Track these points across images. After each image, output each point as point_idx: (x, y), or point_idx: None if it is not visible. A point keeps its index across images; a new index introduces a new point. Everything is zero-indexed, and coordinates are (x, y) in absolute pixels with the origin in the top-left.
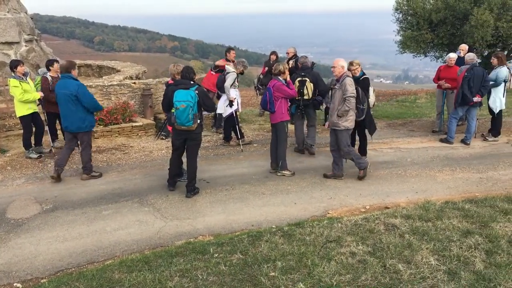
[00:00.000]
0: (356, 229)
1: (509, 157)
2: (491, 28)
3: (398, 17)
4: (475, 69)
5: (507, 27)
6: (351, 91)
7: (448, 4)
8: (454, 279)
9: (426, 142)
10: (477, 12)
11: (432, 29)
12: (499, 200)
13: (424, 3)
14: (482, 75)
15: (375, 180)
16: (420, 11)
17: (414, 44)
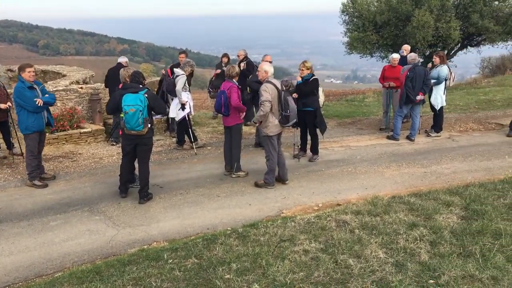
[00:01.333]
0: (309, 227)
1: (451, 151)
2: (431, 29)
3: (345, 19)
4: (416, 68)
5: (446, 28)
6: (265, 97)
7: (391, 6)
8: (401, 270)
9: (374, 140)
10: (418, 14)
11: (377, 31)
12: (441, 193)
13: (368, 5)
14: (423, 74)
15: (327, 178)
16: (365, 13)
17: (360, 45)
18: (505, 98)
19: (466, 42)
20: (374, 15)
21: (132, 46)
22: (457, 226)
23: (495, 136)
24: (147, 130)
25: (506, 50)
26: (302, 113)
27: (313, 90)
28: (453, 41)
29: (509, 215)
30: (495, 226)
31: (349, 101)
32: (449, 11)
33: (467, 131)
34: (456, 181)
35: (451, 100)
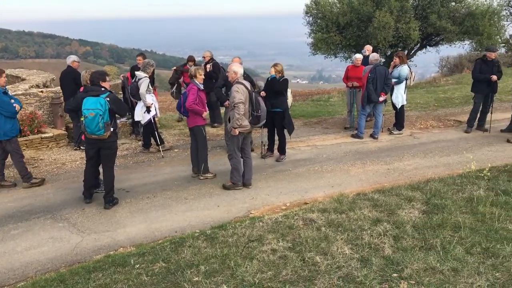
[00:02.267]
0: (276, 226)
1: (413, 148)
2: (392, 29)
3: (309, 20)
4: (377, 68)
5: (406, 28)
6: (238, 98)
7: (353, 8)
8: (366, 265)
9: (339, 139)
10: (379, 15)
11: (340, 32)
12: (404, 188)
13: (331, 6)
14: (384, 74)
15: (294, 177)
16: (328, 14)
17: (324, 46)
18: (462, 96)
19: (425, 42)
20: (337, 16)
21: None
22: (419, 220)
23: (453, 133)
24: (110, 134)
25: (463, 49)
26: (271, 114)
27: (283, 89)
28: (413, 41)
29: (468, 208)
30: (454, 219)
31: (315, 101)
32: (408, 12)
33: (428, 128)
34: (418, 177)
35: (412, 99)
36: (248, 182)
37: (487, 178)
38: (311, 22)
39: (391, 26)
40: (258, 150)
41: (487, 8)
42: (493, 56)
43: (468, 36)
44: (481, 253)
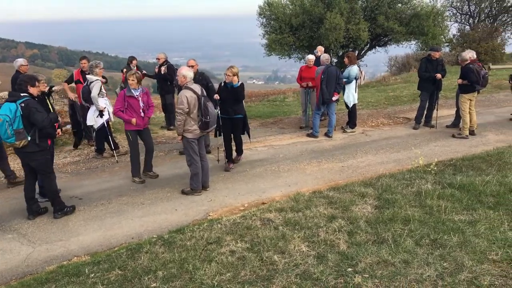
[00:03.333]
0: (235, 227)
1: (365, 145)
2: (342, 31)
3: (262, 22)
4: (329, 69)
5: (356, 29)
6: (180, 107)
7: (305, 9)
8: (323, 262)
9: (295, 138)
10: (330, 16)
11: (293, 33)
12: (357, 185)
13: (284, 8)
14: (336, 74)
15: (251, 178)
16: (281, 16)
17: (278, 46)
18: (410, 94)
19: (374, 43)
20: (290, 18)
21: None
22: (371, 215)
23: (403, 129)
24: (25, 144)
25: (410, 49)
26: (231, 121)
27: (242, 96)
28: (363, 41)
29: (416, 202)
30: (404, 213)
31: (270, 101)
32: (357, 13)
33: (379, 126)
34: (370, 173)
35: (363, 98)
36: (205, 184)
37: (434, 172)
38: (265, 23)
39: (342, 27)
40: (216, 152)
41: (431, 9)
42: (437, 55)
43: (414, 36)
44: (430, 245)
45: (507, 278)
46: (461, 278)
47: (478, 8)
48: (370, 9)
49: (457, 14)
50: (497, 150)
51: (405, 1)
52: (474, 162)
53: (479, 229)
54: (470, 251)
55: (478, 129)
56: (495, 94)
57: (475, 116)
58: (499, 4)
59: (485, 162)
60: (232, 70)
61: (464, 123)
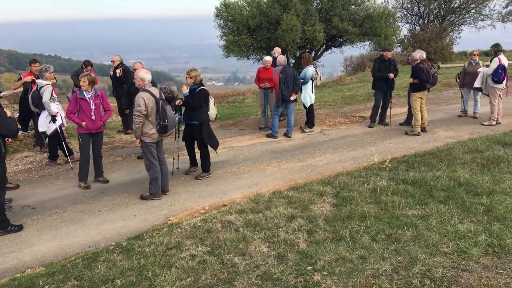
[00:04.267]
0: (195, 231)
1: (323, 145)
2: (299, 32)
3: (220, 23)
4: (287, 70)
5: (312, 30)
6: (137, 109)
7: (262, 11)
8: (283, 262)
9: (255, 139)
10: (286, 18)
11: (251, 34)
12: (315, 184)
13: (241, 9)
14: (293, 75)
15: (212, 180)
16: (238, 17)
17: (236, 48)
18: (366, 93)
19: (330, 43)
20: (247, 19)
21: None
22: (330, 213)
23: (359, 128)
24: None
25: (364, 50)
26: (188, 126)
27: (198, 103)
28: (319, 42)
29: (372, 198)
30: (361, 210)
31: (230, 103)
32: (313, 15)
33: (336, 125)
34: (329, 172)
35: (321, 97)
36: (165, 188)
37: (388, 169)
38: (222, 25)
39: (298, 29)
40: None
41: (383, 11)
42: (389, 55)
43: (367, 37)
44: (385, 240)
45: (458, 269)
46: (415, 271)
47: (427, 9)
48: (325, 11)
49: (408, 15)
50: (447, 146)
51: (358, 3)
52: (426, 158)
53: (431, 222)
54: (423, 244)
55: (429, 126)
56: (444, 92)
57: (426, 113)
58: (446, 5)
59: (436, 158)
60: (189, 73)
61: (416, 120)
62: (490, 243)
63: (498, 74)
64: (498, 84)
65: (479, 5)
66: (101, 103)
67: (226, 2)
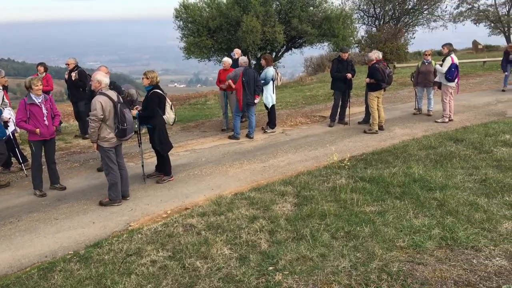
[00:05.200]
0: (156, 236)
1: (285, 145)
2: (259, 33)
3: (180, 25)
4: (248, 71)
5: (272, 32)
6: (93, 113)
7: (222, 12)
8: (245, 263)
9: (217, 141)
10: (247, 19)
11: (212, 35)
12: (277, 184)
13: (201, 11)
14: (254, 76)
15: (174, 183)
16: (198, 18)
17: (197, 49)
18: (326, 93)
19: (290, 44)
20: (207, 21)
21: None
22: (291, 213)
23: (319, 127)
24: None
25: (324, 50)
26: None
27: (149, 105)
28: (279, 43)
29: (332, 197)
30: (321, 208)
31: (192, 105)
32: (272, 16)
33: (297, 125)
34: (290, 172)
35: (282, 98)
36: (125, 194)
37: (347, 167)
38: (182, 26)
39: (259, 30)
40: (135, 160)
41: (341, 12)
42: (346, 56)
43: (326, 38)
44: (344, 237)
45: (414, 263)
46: (372, 266)
47: (383, 10)
48: (285, 12)
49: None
50: (403, 143)
51: (316, 5)
52: (383, 156)
53: (388, 218)
54: (380, 240)
55: (386, 124)
56: (400, 91)
57: (383, 112)
58: (401, 6)
59: (392, 155)
60: (146, 74)
61: (374, 119)
62: (443, 236)
63: (451, 73)
64: (451, 82)
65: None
66: (51, 108)
67: (185, 4)
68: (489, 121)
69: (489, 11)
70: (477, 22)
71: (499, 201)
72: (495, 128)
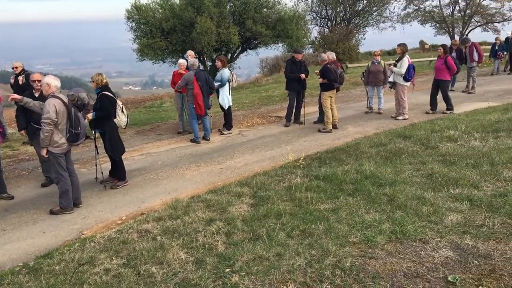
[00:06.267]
0: (109, 244)
1: (242, 146)
2: (214, 34)
3: (132, 26)
4: (200, 75)
5: (227, 33)
6: (46, 116)
7: (175, 13)
8: (201, 266)
9: (173, 144)
10: (201, 21)
11: (165, 37)
12: (234, 185)
13: (153, 12)
14: (205, 79)
15: (129, 189)
16: (151, 20)
17: (151, 51)
18: (281, 94)
19: (245, 46)
20: (160, 22)
21: None
22: (247, 214)
23: (275, 128)
24: None
25: (279, 51)
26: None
27: (102, 106)
28: (234, 45)
29: (287, 196)
30: (277, 208)
31: (147, 108)
32: (227, 17)
33: (254, 125)
34: (247, 173)
35: (238, 99)
36: (77, 201)
37: (302, 166)
38: (135, 27)
39: (213, 31)
40: (88, 165)
41: (294, 14)
42: (300, 57)
43: (280, 39)
44: (300, 235)
45: (365, 257)
46: (327, 263)
47: (334, 12)
48: (239, 13)
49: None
50: (355, 141)
51: (270, 6)
52: (336, 154)
53: (341, 215)
54: (334, 236)
55: (340, 123)
56: (352, 90)
57: (336, 111)
58: (351, 8)
59: (345, 153)
60: (92, 77)
61: (327, 118)
62: (393, 230)
63: (410, 73)
64: (407, 82)
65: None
66: None
67: (137, 5)
68: (435, 118)
69: (434, 12)
70: (423, 23)
71: (444, 194)
72: (440, 125)
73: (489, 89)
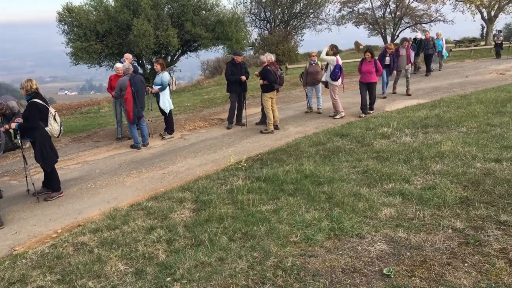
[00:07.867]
0: (43, 260)
1: (184, 150)
2: (152, 37)
3: (64, 29)
4: (135, 79)
5: (165, 36)
6: None
7: (110, 16)
8: (141, 277)
9: (112, 150)
10: (137, 23)
11: (101, 40)
12: (175, 191)
13: (87, 14)
14: (141, 81)
15: (65, 200)
16: (84, 22)
17: (86, 55)
18: (223, 96)
19: (185, 48)
20: (95, 24)
21: None
22: (189, 219)
23: (218, 130)
24: None
25: (219, 53)
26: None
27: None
28: (174, 47)
29: (230, 199)
30: (219, 211)
31: (84, 114)
32: (165, 20)
33: (196, 129)
34: (190, 177)
35: (180, 102)
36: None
37: (244, 168)
38: (67, 30)
39: (151, 34)
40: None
41: (233, 16)
42: (240, 59)
43: (220, 41)
44: (242, 238)
45: (306, 256)
46: (268, 264)
47: (273, 14)
48: (177, 16)
49: (256, 20)
50: (296, 141)
51: (209, 8)
52: (277, 154)
53: (282, 215)
54: (275, 237)
55: (281, 123)
56: (292, 90)
57: (277, 112)
58: (289, 10)
59: (286, 153)
60: (21, 84)
61: (269, 119)
62: (332, 227)
63: (335, 73)
64: (335, 81)
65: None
66: None
67: (69, 7)
68: (370, 116)
69: (367, 14)
70: (357, 24)
71: (378, 189)
72: (374, 123)
73: (419, 87)
